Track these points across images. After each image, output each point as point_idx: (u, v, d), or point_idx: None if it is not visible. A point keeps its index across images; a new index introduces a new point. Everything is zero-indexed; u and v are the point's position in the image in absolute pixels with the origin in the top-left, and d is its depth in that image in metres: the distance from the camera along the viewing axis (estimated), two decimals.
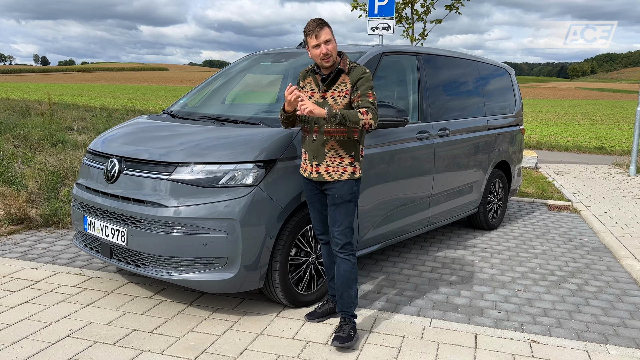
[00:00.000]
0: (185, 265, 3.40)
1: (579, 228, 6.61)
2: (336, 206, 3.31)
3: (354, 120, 3.10)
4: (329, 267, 3.60)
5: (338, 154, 3.30)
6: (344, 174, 3.30)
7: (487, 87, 6.02)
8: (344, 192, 3.30)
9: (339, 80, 3.28)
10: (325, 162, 3.30)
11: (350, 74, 3.27)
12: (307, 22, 3.23)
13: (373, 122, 3.16)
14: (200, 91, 5.05)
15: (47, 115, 14.66)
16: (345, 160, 3.31)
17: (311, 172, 3.35)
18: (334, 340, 3.26)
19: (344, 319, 3.39)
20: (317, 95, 3.33)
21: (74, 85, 78.86)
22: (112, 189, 3.63)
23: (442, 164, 5.04)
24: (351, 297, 3.37)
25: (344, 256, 3.33)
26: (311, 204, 3.48)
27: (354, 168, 3.34)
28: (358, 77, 3.24)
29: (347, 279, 3.33)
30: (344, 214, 3.31)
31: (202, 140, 3.64)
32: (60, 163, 7.62)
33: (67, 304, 3.75)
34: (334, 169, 3.30)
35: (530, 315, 3.87)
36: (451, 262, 5.05)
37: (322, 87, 3.31)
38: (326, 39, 3.19)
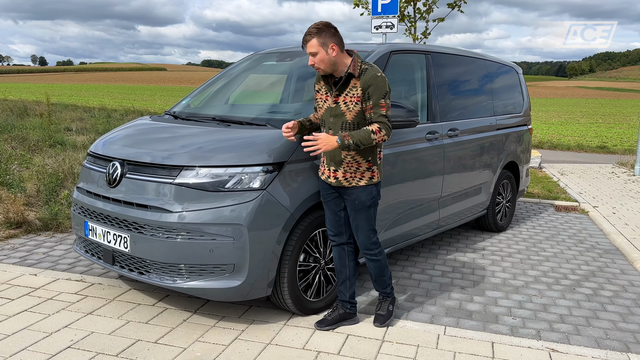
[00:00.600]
0: (191, 273, 3.27)
1: (589, 229, 6.49)
2: (357, 212, 3.32)
3: (368, 143, 3.12)
4: (339, 270, 3.51)
5: (355, 160, 3.26)
6: (362, 180, 3.27)
7: (496, 85, 5.90)
8: (364, 197, 3.29)
9: (349, 85, 3.19)
10: (343, 168, 3.27)
11: (361, 77, 3.16)
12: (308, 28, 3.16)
13: (387, 138, 3.17)
14: (203, 91, 4.92)
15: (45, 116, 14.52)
16: (362, 166, 3.27)
17: (329, 176, 3.33)
18: (375, 321, 3.52)
19: (382, 297, 3.61)
20: (330, 101, 3.25)
21: (72, 85, 78.63)
22: (114, 194, 3.50)
23: (451, 165, 4.91)
24: (385, 282, 3.56)
25: (370, 257, 3.44)
26: (326, 203, 3.43)
27: (372, 173, 3.29)
28: (369, 82, 3.13)
29: (378, 272, 3.51)
30: (365, 219, 3.33)
31: (207, 142, 3.51)
32: (59, 165, 7.48)
33: (67, 312, 3.62)
34: (352, 174, 3.27)
35: (546, 322, 3.75)
36: (461, 265, 4.93)
37: (334, 91, 3.23)
38: (310, 52, 3.15)
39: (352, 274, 3.51)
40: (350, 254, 3.50)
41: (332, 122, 3.25)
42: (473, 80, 5.52)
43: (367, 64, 3.20)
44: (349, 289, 3.51)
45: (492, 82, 5.83)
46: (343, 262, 3.49)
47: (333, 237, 3.47)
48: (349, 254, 3.50)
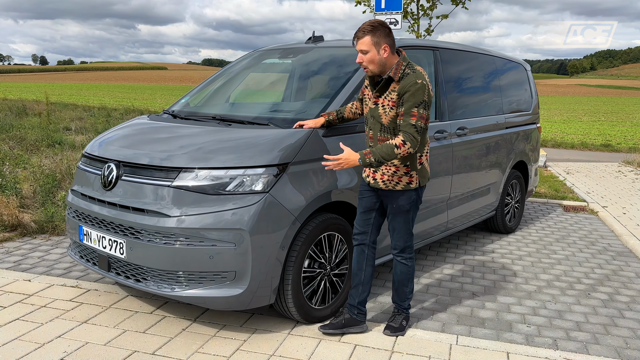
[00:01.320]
0: (190, 280, 3.10)
1: (599, 231, 6.32)
2: (394, 215, 3.24)
3: (392, 159, 2.99)
4: (355, 273, 3.37)
5: (393, 164, 3.16)
6: (399, 184, 3.17)
7: (504, 83, 5.72)
8: (403, 202, 3.20)
9: (389, 88, 3.08)
10: (381, 170, 3.19)
11: (400, 82, 3.04)
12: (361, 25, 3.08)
13: (412, 151, 3.01)
14: (202, 90, 4.75)
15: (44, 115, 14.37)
16: (400, 170, 3.17)
17: (368, 175, 3.27)
18: (385, 329, 3.36)
19: (397, 310, 3.46)
20: (372, 100, 3.18)
21: (73, 85, 78.48)
22: (110, 197, 3.33)
23: (460, 165, 4.74)
24: (405, 293, 3.41)
25: (401, 259, 3.34)
26: (360, 199, 3.36)
27: (410, 178, 3.18)
28: (405, 89, 3.00)
29: (403, 278, 3.37)
30: (402, 222, 3.24)
31: (206, 142, 3.34)
32: (57, 165, 7.32)
33: (61, 321, 3.46)
34: (389, 177, 3.18)
35: (562, 330, 3.58)
36: (471, 269, 4.76)
37: (375, 92, 3.15)
38: (361, 49, 3.04)
39: (367, 279, 3.36)
40: (369, 259, 3.36)
41: (372, 123, 3.19)
42: (481, 77, 5.35)
43: (411, 69, 3.06)
44: (360, 295, 3.35)
45: (501, 79, 5.66)
46: (360, 265, 3.35)
47: (357, 236, 3.36)
48: (368, 257, 3.35)
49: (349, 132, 3.63)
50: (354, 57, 4.11)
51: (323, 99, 3.79)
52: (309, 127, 3.40)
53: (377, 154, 2.97)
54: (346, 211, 3.69)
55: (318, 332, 3.35)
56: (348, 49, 4.30)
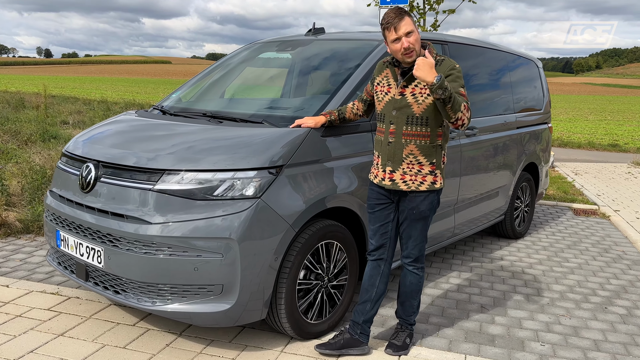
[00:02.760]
0: (173, 294, 2.82)
1: (613, 237, 6.02)
2: (412, 221, 2.93)
3: (455, 109, 2.63)
4: (365, 288, 3.08)
5: (417, 161, 2.86)
6: (423, 184, 2.87)
7: (516, 80, 5.41)
8: (424, 207, 2.91)
9: None
10: (402, 169, 2.87)
11: (436, 68, 2.77)
12: (385, 14, 2.78)
13: (467, 123, 2.75)
14: (196, 84, 4.46)
15: (42, 108, 14.10)
16: (425, 168, 2.87)
17: (383, 178, 2.92)
18: (387, 348, 3.10)
19: (401, 326, 3.20)
20: (394, 91, 2.87)
21: (77, 77, 78.24)
22: (88, 200, 3.05)
23: (468, 167, 4.45)
24: (413, 307, 3.16)
25: (412, 269, 3.08)
26: (373, 213, 3.02)
27: (435, 177, 2.90)
28: (447, 73, 2.76)
29: (412, 290, 3.11)
30: (420, 229, 2.96)
31: (194, 142, 3.05)
32: (47, 161, 7.06)
33: (36, 333, 3.19)
34: (412, 177, 2.87)
35: (580, 350, 3.29)
36: (478, 278, 4.47)
37: (402, 81, 2.84)
38: (407, 31, 2.73)
39: (378, 297, 3.07)
40: (384, 276, 3.07)
41: (395, 116, 2.87)
42: (492, 74, 5.04)
43: (443, 56, 2.88)
44: (368, 313, 3.07)
45: (512, 76, 5.35)
46: (373, 281, 3.06)
47: (374, 252, 3.06)
48: (383, 274, 3.06)
49: (350, 132, 3.34)
50: (356, 51, 3.84)
51: (323, 95, 3.51)
52: (307, 126, 3.12)
53: (453, 91, 2.63)
54: (345, 217, 3.41)
55: (314, 350, 3.07)
56: (350, 42, 4.02)
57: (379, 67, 3.05)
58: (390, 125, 2.89)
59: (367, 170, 3.34)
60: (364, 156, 3.40)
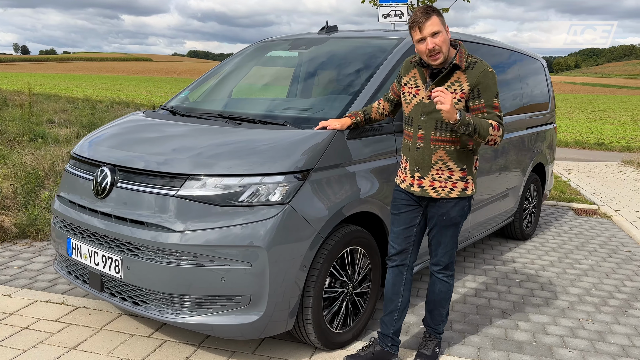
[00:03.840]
0: (197, 305, 2.68)
1: (618, 237, 6.00)
2: (443, 227, 2.80)
3: (483, 135, 2.59)
4: (390, 298, 2.94)
5: (447, 167, 2.73)
6: (453, 191, 2.73)
7: (525, 80, 5.35)
8: (455, 213, 2.77)
9: (452, 78, 2.66)
10: (431, 175, 2.74)
11: (467, 71, 2.63)
12: (413, 12, 2.62)
13: (499, 140, 2.67)
14: (203, 83, 4.31)
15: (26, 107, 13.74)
16: (455, 174, 2.74)
17: (412, 184, 2.79)
18: (416, 358, 3.00)
19: (429, 335, 3.09)
20: (422, 94, 2.72)
21: (56, 75, 76.83)
22: (103, 206, 2.89)
23: (483, 169, 4.36)
24: (442, 316, 3.05)
25: (442, 277, 2.95)
26: (398, 214, 2.89)
27: (466, 184, 2.76)
28: (479, 78, 2.62)
29: (441, 298, 2.99)
30: (451, 236, 2.83)
31: (216, 145, 2.91)
32: (40, 162, 6.82)
33: (46, 346, 3.02)
34: (442, 184, 2.74)
35: (609, 356, 3.23)
36: (494, 282, 4.40)
37: (430, 84, 2.69)
38: (433, 31, 2.57)
39: (404, 305, 2.95)
40: (407, 282, 2.95)
41: (424, 121, 2.73)
42: (505, 74, 4.96)
43: (475, 57, 2.70)
44: (396, 323, 2.95)
45: (522, 76, 5.29)
46: (397, 289, 2.93)
47: (395, 256, 2.92)
48: (406, 281, 2.94)
49: (374, 134, 3.23)
50: (375, 49, 3.73)
51: (345, 95, 3.38)
52: (333, 128, 2.99)
53: (476, 120, 2.56)
54: (368, 222, 3.30)
55: (338, 358, 2.95)
56: (367, 40, 3.91)
57: (405, 66, 2.91)
58: (419, 130, 2.76)
59: (389, 172, 3.23)
60: (388, 159, 3.29)
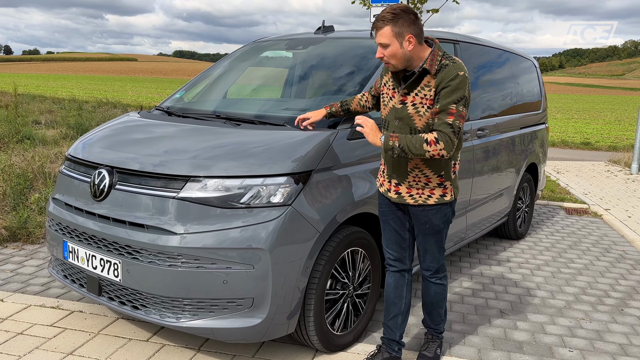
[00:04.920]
0: (199, 309, 2.64)
1: (610, 236, 6.05)
2: (427, 236, 2.74)
3: (418, 153, 2.48)
4: (392, 302, 2.90)
5: (424, 174, 2.64)
6: (431, 197, 2.66)
7: (519, 80, 5.38)
8: (437, 220, 2.69)
9: (422, 82, 2.55)
10: (408, 182, 2.66)
11: (437, 75, 2.51)
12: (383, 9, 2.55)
13: (445, 153, 2.47)
14: (198, 83, 4.26)
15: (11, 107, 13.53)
16: (433, 181, 2.66)
17: (389, 189, 2.73)
18: (418, 359, 2.99)
19: (431, 336, 3.07)
20: (396, 98, 2.63)
21: (40, 75, 75.94)
22: (101, 209, 2.84)
23: (480, 169, 4.38)
24: (440, 316, 3.02)
25: (435, 280, 2.91)
26: (386, 221, 2.84)
27: (444, 190, 2.67)
28: (444, 84, 2.48)
29: (437, 300, 2.96)
30: (436, 242, 2.77)
31: (216, 146, 2.88)
32: (28, 163, 6.71)
33: (42, 352, 2.96)
34: (419, 191, 2.66)
35: (609, 355, 3.24)
36: (490, 282, 4.40)
37: (402, 88, 2.61)
38: (380, 42, 2.51)
39: (407, 308, 2.93)
40: (409, 284, 2.92)
41: (399, 127, 2.62)
42: (499, 74, 4.99)
43: (450, 59, 2.54)
44: (401, 327, 2.92)
45: (516, 76, 5.31)
46: (399, 293, 2.89)
47: (393, 262, 2.87)
48: (408, 283, 2.91)
49: None
50: (373, 49, 3.71)
51: (342, 96, 3.36)
52: (311, 121, 2.99)
53: (404, 140, 2.47)
54: (367, 223, 3.28)
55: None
56: (364, 40, 3.89)
57: (385, 68, 2.80)
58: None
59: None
60: None
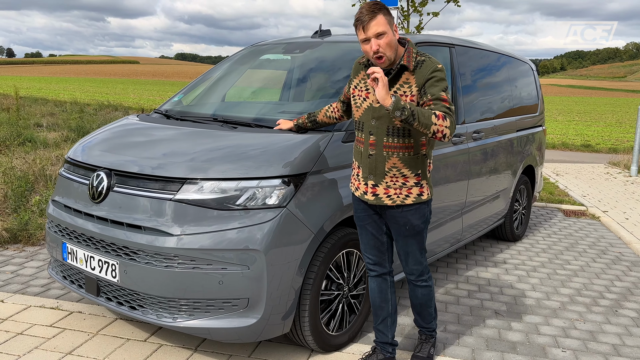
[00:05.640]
0: (195, 309, 2.69)
1: (607, 238, 6.08)
2: (407, 238, 2.73)
3: (425, 123, 2.35)
4: (379, 306, 2.91)
5: (402, 174, 2.64)
6: (409, 197, 2.66)
7: (516, 83, 5.42)
8: (416, 221, 2.70)
9: (401, 80, 2.57)
10: (385, 183, 2.65)
11: (416, 71, 2.53)
12: (359, 9, 2.53)
13: (449, 132, 2.42)
14: (197, 87, 4.31)
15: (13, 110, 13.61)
16: (410, 180, 2.66)
17: (365, 191, 2.70)
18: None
19: (424, 336, 3.08)
20: (372, 97, 2.63)
21: (42, 78, 76.19)
22: (99, 211, 2.89)
23: (475, 171, 4.42)
24: (431, 314, 3.03)
25: (420, 283, 2.91)
26: (362, 227, 2.83)
27: (421, 189, 2.68)
28: (427, 77, 2.51)
29: (426, 300, 2.96)
30: (417, 244, 2.77)
31: (213, 149, 2.93)
32: (30, 166, 6.77)
33: (42, 352, 3.01)
34: (397, 191, 2.65)
35: (601, 356, 3.28)
36: (486, 283, 4.44)
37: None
38: (378, 32, 2.46)
39: (394, 309, 2.95)
40: (392, 286, 2.94)
41: (375, 126, 2.62)
42: (495, 77, 5.03)
43: (424, 55, 2.58)
44: (391, 328, 2.95)
45: (513, 80, 5.36)
46: (384, 296, 2.90)
47: (373, 266, 2.88)
48: (391, 285, 2.93)
49: None
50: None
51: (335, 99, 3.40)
52: (278, 128, 3.13)
53: (414, 107, 2.36)
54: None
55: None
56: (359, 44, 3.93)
57: (355, 67, 2.79)
58: (370, 136, 2.64)
59: None
60: None
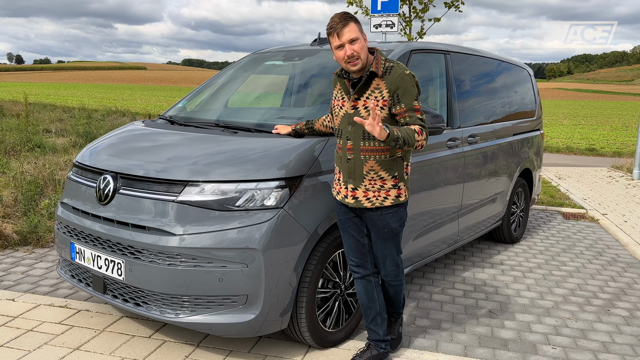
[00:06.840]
0: (197, 305, 2.82)
1: (604, 240, 6.17)
2: (385, 240, 2.86)
3: (411, 143, 2.64)
4: (367, 306, 3.02)
5: (379, 176, 2.78)
6: (387, 199, 2.79)
7: (512, 88, 5.54)
8: (394, 224, 2.83)
9: (372, 86, 2.72)
10: (364, 186, 2.79)
11: (385, 77, 2.70)
12: (330, 19, 2.70)
13: (425, 143, 2.72)
14: (200, 93, 4.46)
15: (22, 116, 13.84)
16: (387, 183, 2.80)
17: (346, 195, 2.85)
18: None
19: (393, 318, 3.24)
20: (347, 105, 2.79)
21: (51, 84, 76.91)
22: (105, 212, 3.03)
23: (471, 174, 4.53)
24: (401, 301, 3.19)
25: (395, 282, 3.05)
26: (344, 229, 2.95)
27: (398, 190, 2.82)
28: (397, 83, 2.68)
29: (397, 293, 3.12)
30: (394, 246, 2.90)
31: (214, 153, 3.07)
32: (39, 171, 6.94)
33: (51, 347, 3.15)
34: (375, 193, 2.79)
35: (591, 353, 3.38)
36: (482, 284, 4.55)
37: (352, 94, 2.77)
38: (351, 38, 2.65)
39: (382, 307, 3.05)
40: (377, 285, 3.04)
41: (352, 132, 2.76)
42: (491, 82, 5.15)
43: (392, 61, 2.75)
44: (381, 326, 3.06)
45: (509, 84, 5.47)
46: (371, 296, 3.01)
47: (356, 269, 2.98)
48: (376, 285, 3.02)
49: None
50: None
51: None
52: (276, 132, 3.27)
53: (403, 132, 2.57)
54: None
55: (331, 357, 3.09)
56: None
57: (334, 79, 2.95)
58: (348, 141, 2.78)
59: None
60: None
